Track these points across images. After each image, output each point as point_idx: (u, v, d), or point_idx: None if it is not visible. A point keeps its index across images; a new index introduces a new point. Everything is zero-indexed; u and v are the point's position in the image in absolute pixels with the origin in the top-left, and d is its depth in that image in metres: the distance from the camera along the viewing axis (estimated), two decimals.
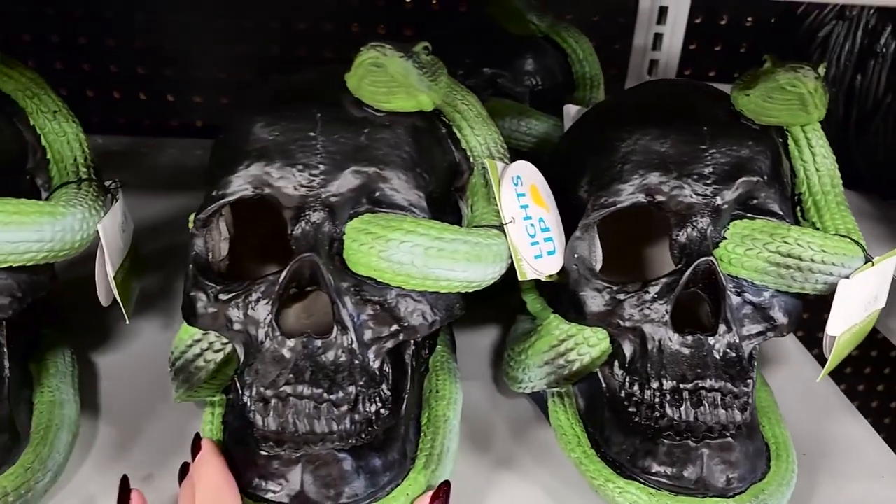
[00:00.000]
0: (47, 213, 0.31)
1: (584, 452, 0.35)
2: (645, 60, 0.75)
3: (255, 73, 0.73)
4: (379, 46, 0.30)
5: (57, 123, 0.36)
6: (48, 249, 0.32)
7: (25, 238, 0.30)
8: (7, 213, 0.30)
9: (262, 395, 0.29)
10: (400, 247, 0.30)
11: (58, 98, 0.37)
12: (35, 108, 0.36)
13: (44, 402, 0.35)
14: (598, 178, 0.35)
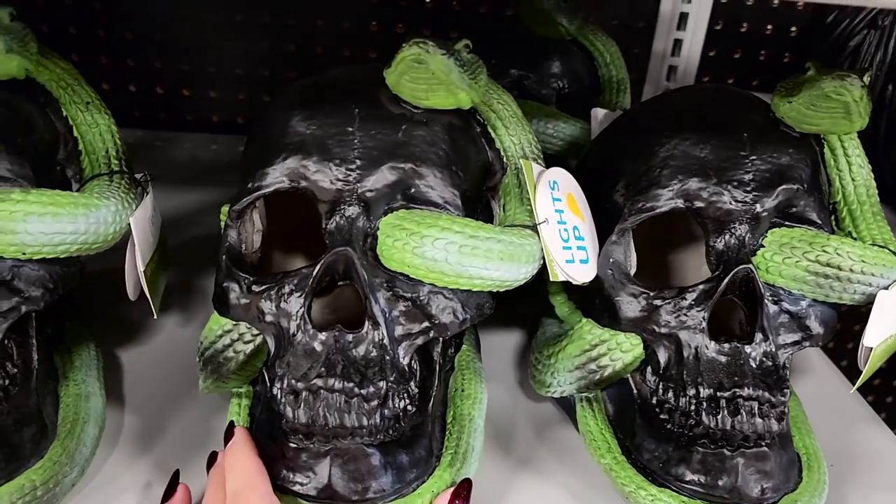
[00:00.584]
0: (82, 205, 0.31)
1: (615, 458, 0.35)
2: (664, 66, 0.75)
3: (271, 70, 0.73)
4: (422, 43, 0.29)
5: (89, 115, 0.36)
6: (81, 242, 0.31)
7: (60, 230, 0.30)
8: (42, 204, 0.30)
9: (294, 388, 0.29)
10: (434, 244, 0.30)
11: (91, 89, 0.37)
12: (68, 99, 0.36)
13: (70, 395, 0.35)
14: (635, 183, 0.35)
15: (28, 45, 0.33)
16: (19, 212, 0.29)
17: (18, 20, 0.33)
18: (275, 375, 0.30)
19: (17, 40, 0.32)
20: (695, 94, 0.39)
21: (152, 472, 0.35)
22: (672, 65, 0.75)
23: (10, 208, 0.29)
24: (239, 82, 0.73)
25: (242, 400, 0.34)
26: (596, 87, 0.53)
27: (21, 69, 0.33)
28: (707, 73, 0.77)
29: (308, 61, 0.73)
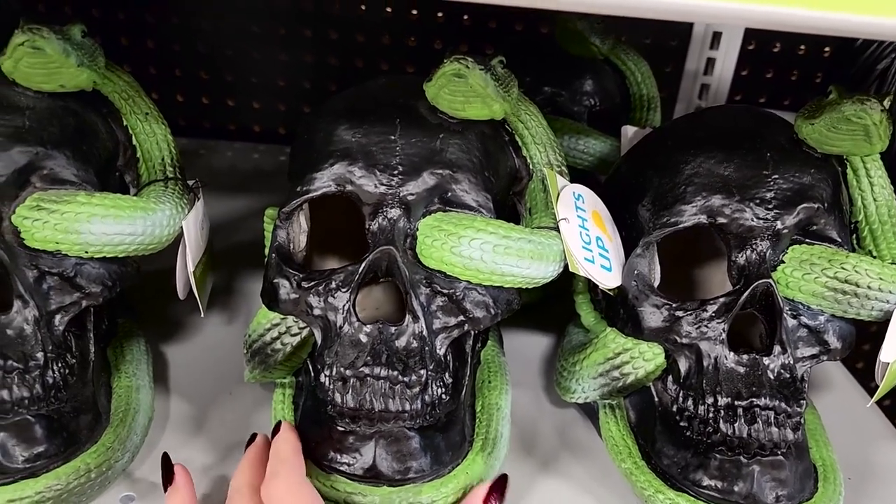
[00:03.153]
0: (140, 209, 0.34)
1: (635, 463, 0.37)
2: (696, 84, 0.77)
3: (312, 83, 0.77)
4: (462, 59, 0.32)
5: (148, 124, 0.40)
6: (139, 243, 0.34)
7: (120, 231, 0.33)
8: (105, 206, 0.33)
9: (342, 375, 0.32)
10: (471, 243, 0.33)
11: (150, 101, 0.40)
12: (129, 110, 0.39)
13: (122, 387, 0.38)
14: (660, 199, 0.37)
15: (97, 59, 0.37)
16: (84, 213, 0.33)
17: (88, 36, 0.37)
18: (323, 364, 0.33)
19: (88, 55, 0.36)
20: (721, 113, 0.41)
21: (198, 459, 0.38)
22: (704, 83, 0.77)
23: (75, 210, 0.33)
24: (281, 94, 0.77)
25: (286, 390, 0.38)
26: (626, 105, 0.56)
27: (90, 82, 0.36)
28: (739, 92, 0.79)
29: (348, 74, 0.77)
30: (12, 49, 0.33)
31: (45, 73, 0.34)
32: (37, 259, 0.33)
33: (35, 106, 0.35)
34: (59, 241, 0.33)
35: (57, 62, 0.33)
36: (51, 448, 0.33)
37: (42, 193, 0.33)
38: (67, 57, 0.33)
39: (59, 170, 0.34)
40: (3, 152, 0.33)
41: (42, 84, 0.35)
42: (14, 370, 0.31)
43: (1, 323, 0.32)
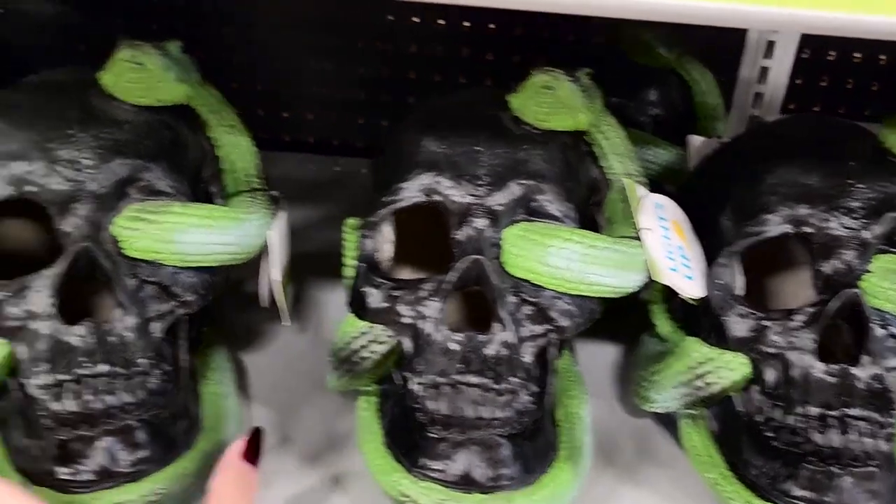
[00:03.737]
0: (233, 219, 0.35)
1: (721, 473, 0.37)
2: (750, 93, 0.77)
3: (366, 94, 0.78)
4: (552, 71, 0.33)
5: (233, 136, 0.41)
6: (231, 252, 0.36)
7: (214, 240, 0.35)
8: (200, 216, 0.34)
9: (434, 382, 0.32)
10: (558, 253, 0.34)
11: (235, 114, 0.42)
12: (216, 122, 0.41)
13: (209, 394, 0.39)
14: (743, 209, 0.37)
15: (191, 74, 0.38)
16: (180, 223, 0.34)
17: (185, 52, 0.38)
18: (415, 372, 0.33)
19: (184, 70, 0.37)
20: (801, 123, 0.41)
21: (284, 466, 0.39)
22: (758, 92, 0.76)
23: (172, 220, 0.34)
24: (334, 105, 0.79)
25: (371, 397, 0.38)
26: (690, 115, 0.56)
27: (185, 96, 0.37)
28: (793, 100, 0.78)
29: (399, 85, 0.78)
30: (115, 64, 0.34)
31: (145, 88, 0.36)
32: (135, 268, 0.34)
33: (133, 119, 0.36)
34: (157, 250, 0.34)
35: (157, 77, 0.35)
36: (153, 453, 0.34)
37: (139, 204, 0.34)
38: (167, 72, 0.35)
39: (155, 181, 0.35)
40: (105, 164, 0.34)
41: (140, 98, 0.36)
42: (119, 376, 0.32)
43: (103, 330, 0.33)
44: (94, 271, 0.34)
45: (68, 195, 0.34)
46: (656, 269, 0.35)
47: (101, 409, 0.32)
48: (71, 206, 0.34)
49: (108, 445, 0.33)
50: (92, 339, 0.32)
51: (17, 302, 0.33)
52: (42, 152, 0.34)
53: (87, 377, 0.32)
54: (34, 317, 0.33)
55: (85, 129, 0.35)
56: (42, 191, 0.33)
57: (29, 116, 0.35)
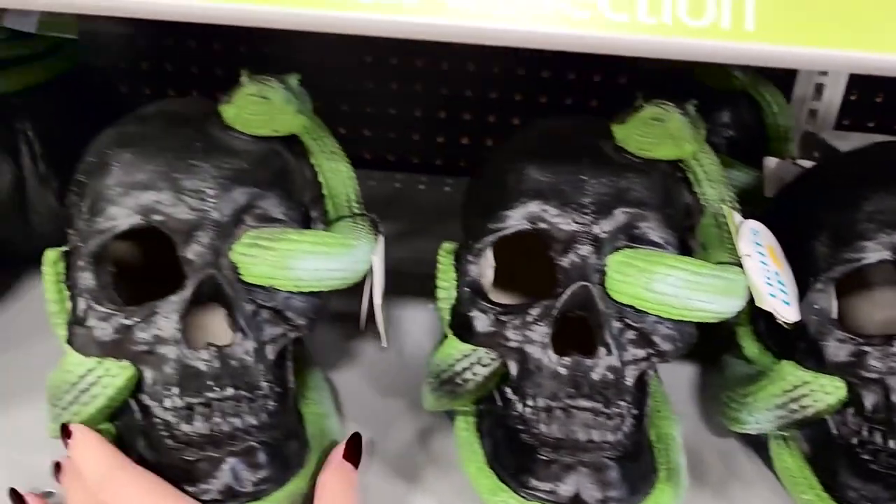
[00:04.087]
0: (343, 245, 0.36)
1: (818, 495, 0.38)
2: (804, 109, 0.77)
3: (423, 111, 0.79)
4: (663, 104, 0.34)
5: (334, 163, 0.42)
6: (340, 277, 0.36)
7: (327, 266, 0.35)
8: (314, 243, 0.35)
9: (547, 406, 0.33)
10: (664, 280, 0.35)
11: (334, 140, 0.43)
12: (318, 149, 0.42)
13: (311, 413, 0.40)
14: (840, 235, 0.38)
15: (307, 104, 0.39)
16: (297, 250, 0.35)
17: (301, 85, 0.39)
18: (525, 395, 0.34)
19: (302, 102, 0.38)
20: (892, 149, 0.42)
21: (380, 485, 0.40)
22: (812, 108, 0.77)
23: (288, 247, 0.35)
24: (391, 122, 0.80)
25: (469, 417, 0.39)
26: (760, 137, 0.56)
27: (302, 127, 0.38)
28: (848, 117, 0.79)
29: (458, 103, 0.79)
30: (240, 97, 0.36)
31: (265, 119, 0.37)
32: (252, 293, 0.36)
33: (250, 149, 0.37)
34: (274, 276, 0.35)
35: (279, 109, 0.36)
36: (272, 473, 0.35)
37: (257, 231, 0.36)
38: (288, 104, 0.36)
39: (270, 209, 0.37)
40: (225, 193, 0.36)
41: (258, 129, 0.37)
42: (244, 399, 0.34)
43: (226, 354, 0.34)
44: (217, 297, 0.35)
45: (193, 224, 0.35)
46: (758, 295, 0.36)
47: (228, 432, 0.33)
48: (194, 234, 0.35)
49: (232, 466, 0.34)
50: (216, 363, 0.34)
51: (145, 327, 0.34)
52: (169, 182, 0.35)
53: (215, 400, 0.33)
54: (162, 341, 0.34)
55: (207, 160, 0.36)
56: (168, 219, 0.35)
57: (154, 147, 0.36)
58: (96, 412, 0.35)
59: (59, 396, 0.35)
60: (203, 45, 0.77)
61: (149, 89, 0.79)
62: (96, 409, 0.35)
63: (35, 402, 0.43)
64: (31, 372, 0.45)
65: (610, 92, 0.78)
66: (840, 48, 0.21)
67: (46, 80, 0.51)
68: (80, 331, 0.35)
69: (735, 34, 0.22)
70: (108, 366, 0.34)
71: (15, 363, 0.47)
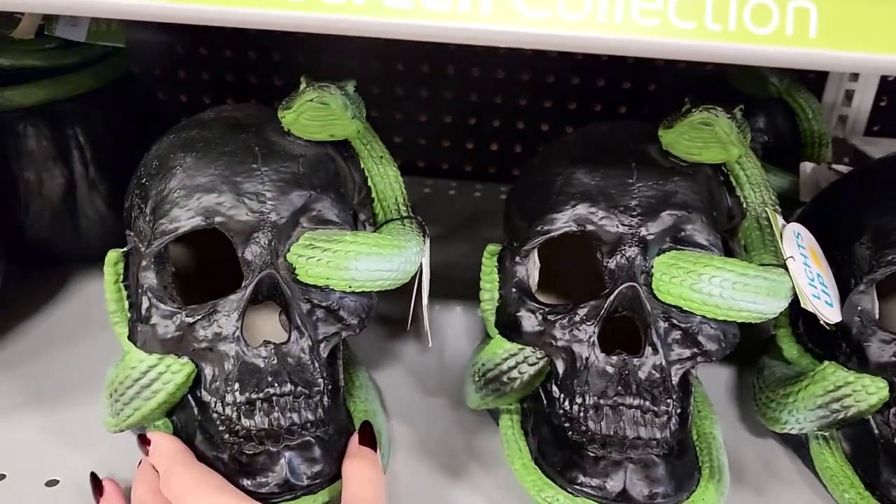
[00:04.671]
0: (396, 247, 0.37)
1: (860, 494, 0.38)
2: (834, 115, 0.78)
3: (452, 117, 0.81)
4: (711, 108, 0.35)
5: (382, 167, 0.43)
6: (392, 278, 0.37)
7: (381, 267, 0.36)
8: (368, 245, 0.36)
9: (595, 403, 0.34)
10: (710, 281, 0.35)
11: (383, 145, 0.44)
12: (367, 154, 0.43)
13: (359, 411, 0.41)
14: (883, 237, 0.39)
15: (362, 110, 0.41)
16: (352, 252, 0.36)
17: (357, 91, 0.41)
18: (573, 393, 0.35)
19: (358, 108, 0.40)
20: None
21: (428, 483, 0.40)
22: (842, 115, 0.78)
23: (344, 248, 0.36)
24: (421, 128, 0.81)
25: (514, 415, 0.40)
26: (795, 142, 0.57)
27: (356, 132, 0.39)
28: (877, 122, 0.79)
29: (485, 110, 0.80)
30: (300, 104, 0.37)
31: (322, 125, 0.38)
32: (308, 293, 0.37)
33: (306, 154, 0.39)
34: (330, 276, 0.36)
35: (337, 115, 0.37)
36: (325, 468, 0.36)
37: (313, 233, 0.37)
38: (345, 110, 0.37)
39: (325, 211, 0.38)
40: (284, 196, 0.37)
41: (315, 134, 0.39)
42: (301, 395, 0.35)
43: (283, 352, 0.35)
44: (273, 296, 0.36)
45: (252, 225, 0.36)
46: (803, 296, 0.37)
47: (287, 427, 0.34)
48: (253, 236, 0.36)
49: (289, 460, 0.35)
50: (274, 360, 0.35)
51: (206, 325, 0.36)
52: (230, 185, 0.36)
53: (275, 396, 0.34)
54: (221, 339, 0.35)
55: (266, 164, 0.37)
56: (229, 221, 0.36)
57: (216, 152, 0.38)
58: (157, 406, 0.36)
59: (122, 392, 0.36)
60: (238, 54, 0.79)
61: (185, 96, 0.81)
62: (157, 404, 0.36)
63: (85, 399, 0.45)
64: (80, 371, 0.47)
65: (639, 99, 0.79)
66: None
67: (95, 88, 0.53)
68: (142, 328, 0.37)
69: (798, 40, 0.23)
70: (169, 362, 0.36)
71: (65, 362, 0.48)
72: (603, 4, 0.23)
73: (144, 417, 0.36)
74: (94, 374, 0.45)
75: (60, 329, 0.52)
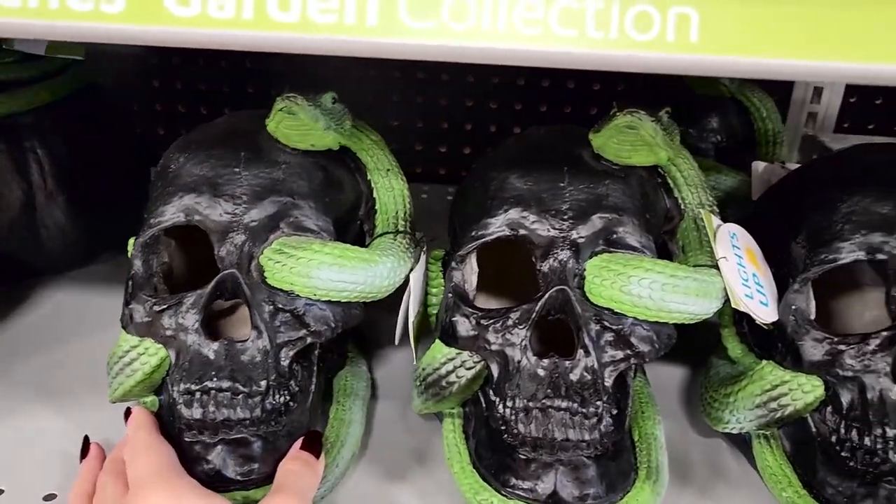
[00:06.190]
0: (364, 260, 0.38)
1: (797, 492, 0.38)
2: (803, 113, 0.78)
3: (424, 121, 0.81)
4: (634, 111, 0.35)
5: (388, 180, 0.44)
6: (359, 291, 0.38)
7: (344, 279, 0.37)
8: (334, 255, 0.37)
9: (525, 406, 0.35)
10: (640, 282, 0.36)
11: (392, 158, 0.45)
12: (373, 166, 0.44)
13: (336, 419, 0.41)
14: (817, 236, 0.39)
15: (343, 122, 0.41)
16: (315, 260, 0.36)
17: (338, 102, 0.41)
18: (505, 396, 0.35)
19: (335, 119, 0.40)
20: (872, 151, 0.43)
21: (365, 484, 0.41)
22: (811, 111, 0.77)
23: (309, 256, 0.37)
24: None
25: (455, 420, 0.41)
26: (750, 141, 0.57)
27: (336, 143, 0.41)
28: (847, 119, 0.79)
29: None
30: (274, 113, 0.39)
31: (299, 134, 0.40)
32: (274, 296, 0.37)
33: (290, 161, 0.40)
34: (293, 282, 0.37)
35: (307, 126, 0.39)
36: (262, 466, 0.36)
37: (287, 239, 0.38)
38: (316, 121, 0.39)
39: (302, 218, 0.39)
40: (260, 200, 0.38)
41: (297, 143, 0.40)
42: (240, 393, 0.35)
43: (237, 349, 0.36)
44: (238, 296, 0.37)
45: (226, 225, 0.38)
46: (734, 297, 0.37)
47: (221, 421, 0.35)
48: (229, 236, 0.38)
49: (222, 453, 0.36)
50: (224, 356, 0.36)
51: (172, 314, 0.37)
52: (210, 187, 0.38)
53: (213, 390, 0.35)
54: (183, 329, 0.37)
55: (248, 168, 0.39)
56: (206, 220, 0.38)
57: (205, 154, 0.40)
58: (136, 384, 0.38)
59: (111, 367, 0.39)
60: (210, 63, 0.79)
61: (160, 106, 0.82)
62: (136, 382, 0.38)
63: (66, 400, 0.46)
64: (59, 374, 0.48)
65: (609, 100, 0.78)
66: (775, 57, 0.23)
67: (54, 100, 0.54)
68: (124, 311, 0.39)
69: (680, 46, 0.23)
70: (147, 345, 0.38)
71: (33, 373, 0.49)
72: (487, 14, 0.23)
73: (127, 393, 0.38)
74: (70, 377, 0.47)
75: (27, 342, 0.52)
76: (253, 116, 0.42)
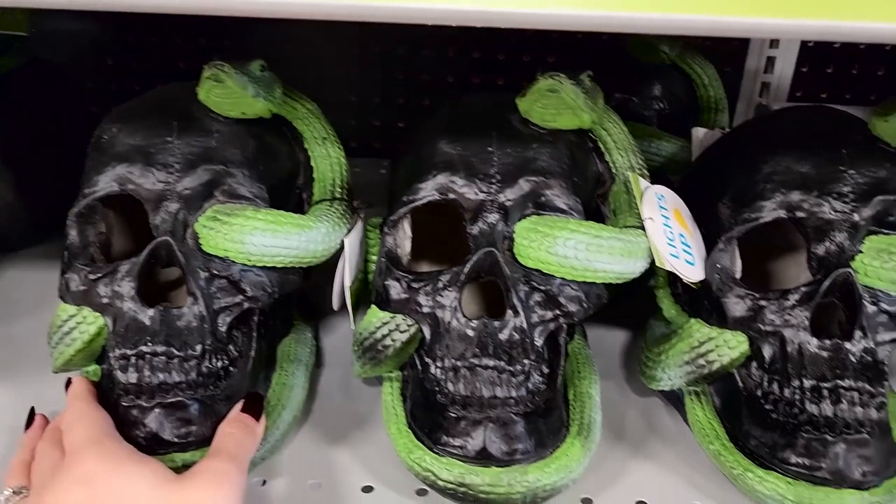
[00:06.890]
0: (297, 226, 0.38)
1: (723, 445, 0.40)
2: (756, 83, 0.79)
3: (381, 97, 0.81)
4: (555, 75, 0.36)
5: (325, 148, 0.44)
6: (294, 256, 0.38)
7: (277, 244, 0.37)
8: (266, 221, 0.37)
9: (454, 366, 0.35)
10: (566, 243, 0.37)
11: (329, 126, 0.45)
12: (309, 134, 0.44)
13: (278, 383, 0.42)
14: (741, 196, 0.40)
15: (273, 90, 0.41)
16: (248, 226, 0.37)
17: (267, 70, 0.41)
18: (434, 356, 0.36)
19: (264, 87, 0.40)
20: (796, 114, 0.44)
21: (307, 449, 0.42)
22: (765, 81, 0.78)
23: (241, 222, 0.37)
24: (352, 108, 0.82)
25: (394, 383, 0.41)
26: (694, 108, 0.58)
27: (266, 110, 0.40)
28: (800, 88, 0.80)
29: (412, 87, 0.80)
30: (203, 80, 0.39)
31: (229, 102, 0.39)
32: (209, 263, 0.38)
33: (222, 130, 0.40)
34: (227, 249, 0.37)
35: (236, 93, 0.39)
36: (200, 429, 0.37)
37: (220, 206, 0.38)
38: (244, 89, 0.38)
39: (236, 186, 0.39)
40: (192, 169, 0.38)
41: (228, 111, 0.40)
42: (175, 357, 0.36)
43: (174, 315, 0.37)
44: (173, 262, 0.38)
45: (159, 194, 0.38)
46: (658, 256, 0.38)
47: (157, 385, 0.36)
48: (162, 204, 0.38)
49: (159, 416, 0.36)
50: (158, 321, 0.36)
51: (108, 283, 0.38)
52: (142, 156, 0.38)
53: (148, 354, 0.36)
54: (118, 297, 0.37)
55: (181, 137, 0.39)
56: (139, 189, 0.38)
57: (139, 124, 0.40)
58: (75, 353, 0.38)
59: (51, 337, 0.39)
60: (166, 39, 0.78)
61: (115, 86, 0.81)
62: (75, 351, 0.38)
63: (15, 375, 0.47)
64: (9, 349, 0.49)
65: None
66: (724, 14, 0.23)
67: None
68: (62, 281, 0.39)
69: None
70: (85, 314, 0.38)
71: None
72: None
73: (68, 362, 0.39)
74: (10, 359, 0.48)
75: None
76: (186, 87, 0.42)
